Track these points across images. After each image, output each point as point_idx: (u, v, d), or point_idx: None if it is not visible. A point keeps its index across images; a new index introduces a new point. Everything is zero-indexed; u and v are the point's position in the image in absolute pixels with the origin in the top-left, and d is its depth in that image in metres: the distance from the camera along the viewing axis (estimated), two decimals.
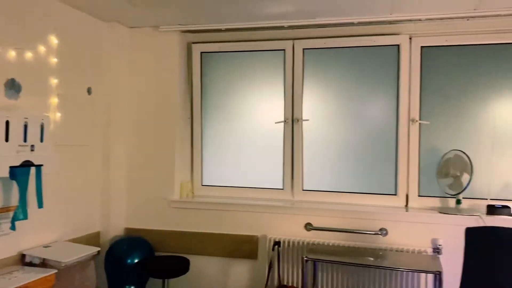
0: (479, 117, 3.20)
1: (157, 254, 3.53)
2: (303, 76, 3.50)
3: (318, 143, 3.50)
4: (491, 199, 3.11)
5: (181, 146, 3.66)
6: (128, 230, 3.63)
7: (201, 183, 3.73)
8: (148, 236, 3.55)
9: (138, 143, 3.63)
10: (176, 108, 3.57)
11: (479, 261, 2.36)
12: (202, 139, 3.74)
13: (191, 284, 3.51)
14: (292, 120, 3.52)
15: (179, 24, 3.48)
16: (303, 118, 3.50)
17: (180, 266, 3.15)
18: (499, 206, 3.01)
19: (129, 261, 3.23)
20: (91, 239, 3.33)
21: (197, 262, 3.50)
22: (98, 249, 2.97)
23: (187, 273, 3.45)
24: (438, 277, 2.63)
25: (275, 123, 3.56)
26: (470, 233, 2.43)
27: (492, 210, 3.00)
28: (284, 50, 3.53)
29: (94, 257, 3.04)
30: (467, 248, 2.43)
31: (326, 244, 3.21)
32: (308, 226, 3.30)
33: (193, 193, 3.74)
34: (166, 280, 3.25)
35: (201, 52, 3.69)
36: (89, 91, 3.32)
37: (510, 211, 2.99)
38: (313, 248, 3.16)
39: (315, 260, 3.05)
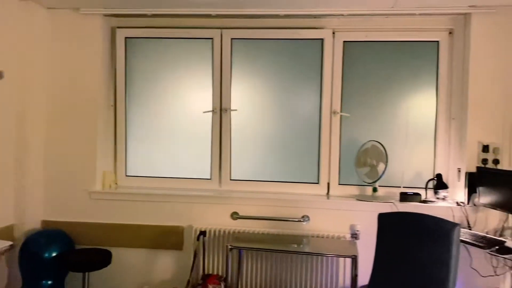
0: (394, 110, 3.40)
1: (77, 247, 3.38)
2: (231, 66, 3.50)
3: (245, 133, 3.54)
4: (404, 187, 3.33)
5: (104, 135, 3.52)
6: (45, 222, 3.44)
7: (125, 174, 3.62)
8: (68, 228, 3.39)
9: (57, 131, 3.44)
10: (98, 95, 3.42)
11: (390, 244, 2.52)
12: (127, 128, 3.62)
13: (114, 277, 3.41)
14: (220, 110, 3.52)
15: (102, 7, 3.33)
16: (231, 108, 3.51)
17: (100, 259, 3.05)
18: (411, 193, 3.23)
19: (46, 255, 3.07)
20: (4, 233, 3.12)
21: (120, 255, 3.40)
22: (10, 243, 2.79)
23: (110, 266, 3.35)
24: (354, 260, 2.79)
25: (203, 112, 3.54)
26: (382, 218, 2.58)
27: (404, 197, 3.22)
28: (212, 39, 3.51)
29: (6, 251, 2.85)
30: (379, 232, 2.58)
31: (251, 232, 3.26)
32: (235, 215, 3.33)
33: (116, 184, 3.62)
34: (86, 273, 3.13)
35: (126, 38, 3.57)
36: (0, 75, 3.08)
37: (421, 197, 3.22)
38: (238, 236, 3.19)
39: (239, 248, 3.09)
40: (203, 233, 3.24)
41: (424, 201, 3.20)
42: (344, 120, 3.44)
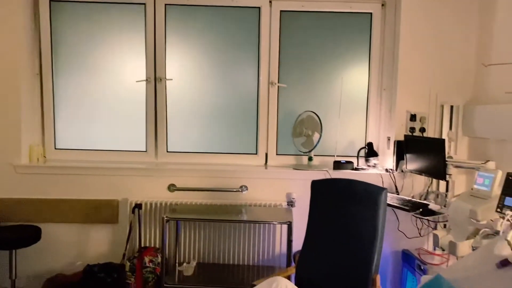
0: (329, 81, 3.47)
1: (3, 224, 3.19)
2: (165, 34, 3.38)
3: (182, 104, 3.46)
4: (337, 156, 3.44)
5: (29, 106, 3.30)
6: None
7: (54, 146, 3.44)
8: None
9: None
10: (20, 62, 3.18)
11: (322, 209, 2.61)
12: (54, 98, 3.42)
13: (45, 254, 3.27)
14: (155, 79, 3.41)
15: None
16: (167, 77, 3.41)
17: (28, 235, 2.90)
18: (343, 162, 3.34)
19: None
20: None
21: (51, 231, 3.26)
22: None
23: (40, 242, 3.20)
24: (289, 226, 2.86)
25: (136, 81, 3.41)
26: (315, 185, 2.66)
27: (337, 165, 3.33)
28: (144, 4, 3.36)
29: None
30: (312, 199, 2.66)
31: (189, 203, 3.24)
32: (172, 187, 3.28)
33: (45, 157, 3.43)
34: (13, 251, 2.97)
35: (51, 0, 3.32)
36: None
37: (353, 165, 3.34)
38: (175, 208, 3.16)
39: (175, 219, 3.08)
40: (138, 205, 3.17)
41: (356, 169, 3.32)
42: (281, 91, 3.46)
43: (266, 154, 3.49)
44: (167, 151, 3.47)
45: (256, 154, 3.49)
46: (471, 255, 1.92)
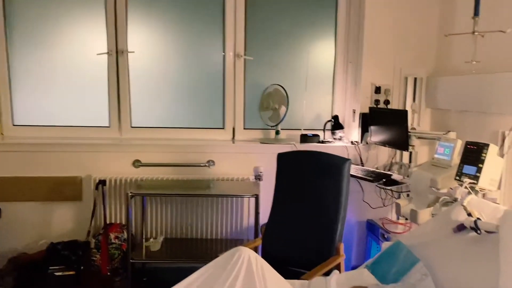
0: (296, 54, 3.44)
1: None
2: (126, 4, 3.26)
3: (146, 77, 3.37)
4: (304, 129, 3.44)
5: None
6: None
7: (12, 123, 3.30)
8: None
9: None
10: None
11: (288, 181, 2.62)
12: (10, 72, 3.26)
13: (7, 233, 3.16)
14: (117, 52, 3.29)
15: None
16: (128, 50, 3.30)
17: None
18: (310, 135, 3.35)
19: None
20: None
21: (12, 209, 3.15)
22: None
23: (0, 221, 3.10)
24: (256, 199, 2.87)
25: (97, 54, 3.29)
26: (281, 157, 2.66)
27: (304, 138, 3.34)
28: None
29: None
30: (278, 171, 2.67)
31: (155, 179, 3.19)
32: (137, 163, 3.23)
33: (2, 134, 3.29)
34: None
35: None
36: None
37: (319, 138, 3.36)
38: (141, 184, 3.12)
39: (140, 194, 3.04)
40: (102, 182, 3.10)
41: (323, 142, 3.35)
42: (248, 64, 3.41)
43: (233, 129, 3.46)
44: (131, 127, 3.39)
45: (223, 128, 3.46)
46: (429, 222, 1.98)
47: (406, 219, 3.06)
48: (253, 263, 1.61)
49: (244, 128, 3.48)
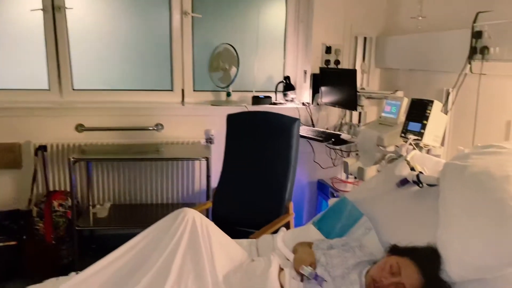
0: (246, 13, 3.33)
1: None
2: None
3: (87, 37, 3.16)
4: (256, 91, 3.38)
5: None
6: None
7: None
8: None
9: None
10: None
11: (238, 143, 2.58)
12: None
13: None
14: (53, 8, 3.05)
15: None
16: (66, 6, 3.07)
17: None
18: (262, 96, 3.30)
19: None
20: None
21: None
22: None
23: None
24: (207, 162, 2.81)
25: (31, 10, 3.03)
26: (230, 118, 2.61)
27: (256, 100, 3.28)
28: None
29: None
30: (228, 133, 2.61)
31: (100, 144, 3.06)
32: (80, 128, 3.06)
33: None
34: None
35: None
36: None
37: (271, 100, 3.32)
38: (85, 149, 2.98)
39: (84, 160, 2.91)
40: (42, 147, 2.93)
41: (274, 104, 3.31)
42: (196, 22, 3.27)
43: (183, 90, 3.35)
44: (73, 89, 3.20)
45: (171, 90, 3.34)
46: (374, 178, 2.01)
47: (355, 177, 3.12)
48: (198, 224, 1.57)
49: (194, 90, 3.37)
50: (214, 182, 2.75)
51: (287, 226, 2.35)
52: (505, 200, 1.24)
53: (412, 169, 1.74)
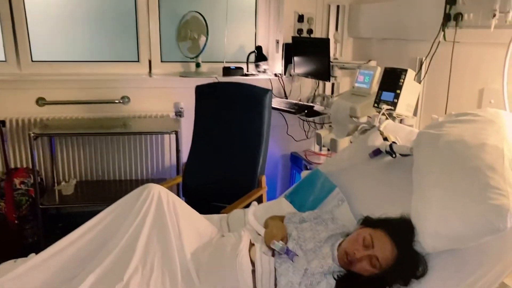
0: None
1: None
2: None
3: (46, 4, 2.96)
4: (226, 62, 3.27)
5: None
6: None
7: None
8: None
9: None
10: None
11: (208, 115, 2.49)
12: None
13: None
14: None
15: None
16: None
17: None
18: (233, 67, 3.19)
19: None
20: None
21: None
22: None
23: None
24: (176, 136, 2.72)
25: None
26: (199, 90, 2.50)
27: (227, 71, 3.18)
28: None
29: None
30: (197, 105, 2.51)
31: (63, 118, 2.91)
32: (41, 101, 2.90)
33: None
34: None
35: None
36: None
37: (243, 71, 3.22)
38: (48, 124, 2.83)
39: (47, 135, 2.77)
40: (1, 122, 2.77)
41: (246, 75, 3.21)
42: None
43: (150, 61, 3.20)
44: (32, 61, 3.01)
45: (137, 61, 3.19)
46: (346, 149, 1.96)
47: (328, 149, 3.09)
48: (164, 200, 1.49)
49: (162, 61, 3.23)
50: (185, 157, 2.66)
51: (260, 200, 2.31)
52: (481, 168, 1.21)
53: (385, 139, 1.70)
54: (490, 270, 1.17)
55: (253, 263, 1.38)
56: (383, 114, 2.06)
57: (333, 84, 3.06)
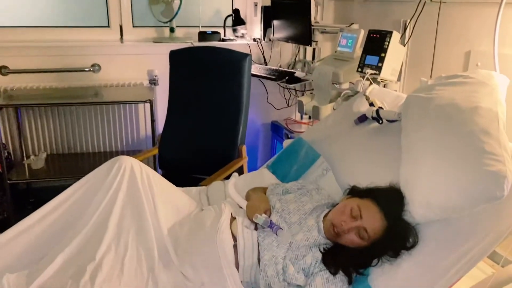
0: None
1: None
2: None
3: None
4: (202, 27, 3.11)
5: None
6: None
7: None
8: None
9: None
10: None
11: (184, 82, 2.35)
12: None
13: None
14: None
15: None
16: None
17: None
18: (209, 32, 3.04)
19: None
20: None
21: None
22: None
23: None
24: (150, 105, 2.59)
25: None
26: (174, 56, 2.35)
27: (203, 36, 3.03)
28: None
29: None
30: (172, 72, 2.37)
31: (30, 88, 2.73)
32: (4, 70, 2.71)
33: None
34: None
35: None
36: None
37: (220, 36, 3.07)
38: (13, 94, 2.66)
39: (12, 106, 2.60)
40: None
41: (223, 40, 3.07)
42: None
43: (121, 27, 3.01)
44: None
45: (108, 27, 3.00)
46: (330, 116, 1.88)
47: (310, 117, 3.00)
48: (137, 173, 1.38)
49: (134, 26, 3.05)
50: (160, 127, 2.53)
51: (241, 171, 2.22)
52: (475, 133, 1.14)
53: (371, 104, 1.62)
54: (483, 239, 1.12)
55: (234, 238, 1.30)
56: (367, 79, 1.98)
57: (314, 49, 2.95)
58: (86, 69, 2.83)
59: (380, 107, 1.57)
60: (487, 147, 1.10)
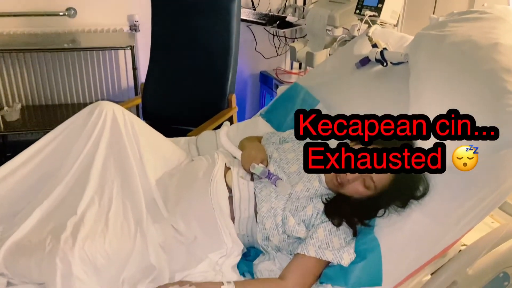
0: None
1: None
2: None
3: None
4: None
5: None
6: None
7: None
8: None
9: None
10: None
11: (167, 27, 2.18)
12: None
13: None
14: None
15: None
16: None
17: None
18: None
19: None
20: None
21: None
22: None
23: None
24: (131, 52, 2.41)
25: None
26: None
27: None
28: None
29: None
30: (154, 14, 2.19)
31: (1, 33, 2.52)
32: None
33: None
34: None
35: None
36: None
37: None
38: None
39: None
40: None
41: None
42: None
43: None
44: None
45: None
46: (328, 60, 1.75)
47: (300, 66, 2.87)
48: (120, 119, 1.25)
49: None
50: (143, 76, 2.37)
51: (230, 121, 2.10)
52: (495, 71, 1.03)
53: (374, 45, 1.49)
54: (497, 188, 1.04)
55: (229, 189, 1.20)
56: (366, 22, 1.84)
57: None
58: (61, 13, 2.62)
59: (385, 48, 1.45)
60: (509, 86, 0.99)
